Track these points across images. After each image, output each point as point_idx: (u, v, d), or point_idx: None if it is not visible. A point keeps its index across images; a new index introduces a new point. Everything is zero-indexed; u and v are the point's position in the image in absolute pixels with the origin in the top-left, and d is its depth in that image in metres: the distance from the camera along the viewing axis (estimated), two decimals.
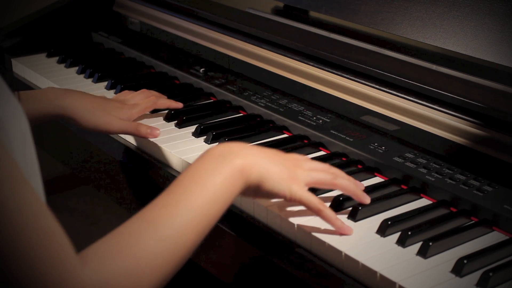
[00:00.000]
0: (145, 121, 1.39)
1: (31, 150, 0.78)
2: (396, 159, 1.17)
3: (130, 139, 1.38)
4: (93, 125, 1.31)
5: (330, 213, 1.00)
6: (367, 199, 1.05)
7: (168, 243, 0.82)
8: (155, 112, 1.43)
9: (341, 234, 1.00)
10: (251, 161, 0.93)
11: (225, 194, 0.90)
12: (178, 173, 1.26)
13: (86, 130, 1.32)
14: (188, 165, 1.23)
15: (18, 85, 1.75)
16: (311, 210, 1.00)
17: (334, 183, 1.02)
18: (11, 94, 0.76)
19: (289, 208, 1.07)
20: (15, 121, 0.76)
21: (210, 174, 0.90)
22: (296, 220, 1.04)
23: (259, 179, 0.94)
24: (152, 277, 0.80)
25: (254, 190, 0.96)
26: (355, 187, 1.04)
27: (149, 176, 1.33)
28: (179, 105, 1.43)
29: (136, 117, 1.37)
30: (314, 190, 1.09)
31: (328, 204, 1.08)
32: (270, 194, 0.97)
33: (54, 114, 1.31)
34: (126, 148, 1.37)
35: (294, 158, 1.02)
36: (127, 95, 1.43)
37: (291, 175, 0.98)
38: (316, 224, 1.03)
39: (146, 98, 1.41)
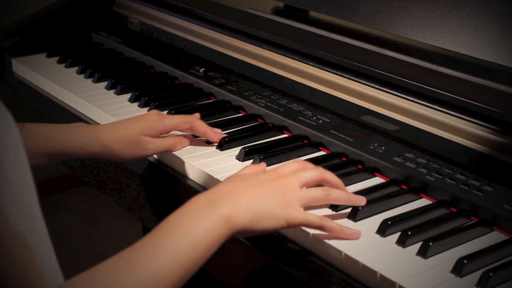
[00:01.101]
0: None
1: (29, 178, 0.77)
2: (396, 159, 1.17)
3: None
4: (131, 156, 1.23)
5: (333, 224, 0.99)
6: (362, 202, 1.05)
7: (145, 284, 0.82)
8: None
9: (350, 239, 1.00)
10: (237, 209, 0.93)
11: (208, 241, 0.89)
12: (173, 169, 1.26)
13: (125, 160, 1.26)
14: (188, 165, 1.23)
15: (18, 85, 1.75)
16: (314, 228, 0.99)
17: (328, 199, 1.02)
18: (16, 131, 0.75)
19: None
20: (16, 159, 0.74)
21: (195, 221, 0.90)
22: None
23: (251, 222, 0.94)
24: None
25: (248, 232, 0.95)
26: (348, 196, 1.04)
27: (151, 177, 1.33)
28: (216, 138, 1.29)
29: (170, 130, 1.26)
30: None
31: (329, 205, 1.08)
32: (267, 231, 0.97)
33: (83, 154, 1.23)
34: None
35: (284, 182, 0.99)
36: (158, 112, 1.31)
37: (283, 204, 0.97)
38: None
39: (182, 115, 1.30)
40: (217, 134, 1.29)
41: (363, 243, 0.99)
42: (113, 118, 1.43)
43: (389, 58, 1.33)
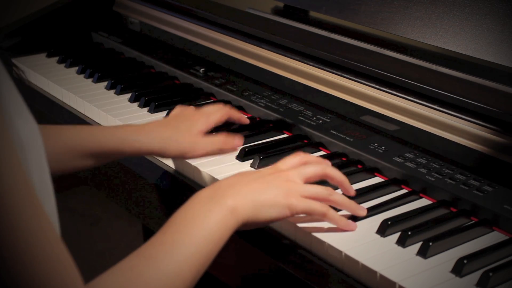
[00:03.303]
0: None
1: (46, 172, 0.78)
2: (396, 159, 1.17)
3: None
4: (178, 152, 1.18)
5: (334, 213, 1.00)
6: (363, 213, 1.04)
7: (169, 277, 0.84)
8: None
9: (346, 230, 1.01)
10: (241, 199, 0.95)
11: (218, 233, 0.91)
12: (173, 169, 1.26)
13: (173, 158, 1.23)
14: (188, 165, 1.23)
15: (18, 86, 1.75)
16: (317, 216, 1.00)
17: (329, 200, 1.02)
18: (30, 113, 0.76)
19: None
20: (33, 141, 0.75)
21: (203, 214, 0.91)
22: (296, 220, 1.04)
23: (254, 212, 0.95)
24: None
25: (254, 223, 0.97)
26: (350, 203, 1.04)
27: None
28: (247, 121, 1.34)
29: (214, 125, 1.24)
30: None
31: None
32: (271, 220, 0.98)
33: (132, 152, 1.17)
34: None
35: (284, 174, 1.01)
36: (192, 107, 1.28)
37: (285, 192, 0.98)
38: (316, 224, 1.03)
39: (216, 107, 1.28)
40: (246, 119, 1.34)
41: (363, 243, 0.99)
42: (113, 118, 1.43)
43: (389, 58, 1.33)
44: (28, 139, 0.74)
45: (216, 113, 1.25)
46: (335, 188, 1.08)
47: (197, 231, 0.90)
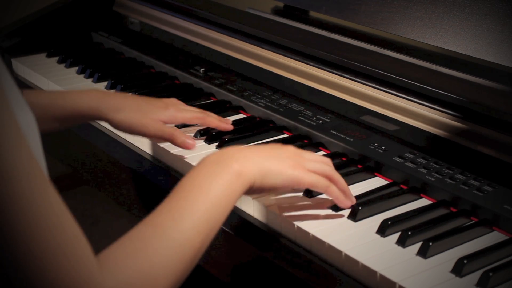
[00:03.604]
0: None
1: (43, 161, 0.78)
2: (396, 159, 1.17)
3: (130, 139, 1.38)
4: (127, 126, 1.25)
5: (335, 189, 1.03)
6: (348, 204, 1.06)
7: (177, 245, 0.84)
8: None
9: (343, 207, 1.05)
10: (247, 163, 0.95)
11: (226, 197, 0.91)
12: (173, 170, 1.26)
13: (121, 130, 1.28)
14: (188, 164, 1.23)
15: (18, 86, 1.75)
16: (320, 190, 1.03)
17: (332, 175, 1.04)
18: (25, 102, 0.77)
19: (289, 208, 1.07)
20: (31, 131, 0.76)
21: (210, 180, 0.92)
22: (296, 220, 1.04)
23: (260, 177, 0.96)
24: (166, 279, 0.82)
25: (259, 188, 0.97)
26: (346, 188, 1.05)
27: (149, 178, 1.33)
28: (229, 127, 1.33)
29: (181, 122, 1.31)
30: (309, 192, 1.10)
31: (329, 205, 1.08)
32: (276, 187, 0.99)
33: (88, 115, 1.26)
34: (128, 149, 1.37)
35: (292, 149, 1.04)
36: (178, 102, 1.34)
37: (292, 163, 1.00)
38: (316, 224, 1.03)
39: (197, 110, 1.33)
40: (228, 125, 1.34)
41: (363, 243, 0.99)
42: None
43: (389, 58, 1.33)
44: (27, 129, 0.75)
45: (188, 112, 1.30)
46: None
47: (204, 196, 0.90)
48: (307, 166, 1.01)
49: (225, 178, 0.92)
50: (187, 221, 0.86)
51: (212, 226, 0.89)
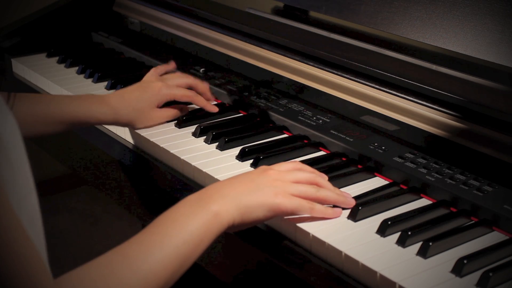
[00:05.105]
0: None
1: (27, 169, 0.79)
2: (396, 159, 1.17)
3: (129, 139, 1.38)
4: (141, 125, 1.35)
5: (320, 207, 1.03)
6: (351, 204, 1.06)
7: (142, 277, 0.86)
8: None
9: (334, 217, 1.04)
10: (225, 204, 0.96)
11: (199, 236, 0.92)
12: (177, 172, 1.26)
13: (135, 128, 1.35)
14: (188, 165, 1.23)
15: (18, 86, 1.75)
16: (304, 213, 1.02)
17: (317, 197, 1.03)
18: (8, 110, 0.77)
19: None
20: (15, 140, 0.76)
21: (186, 217, 0.93)
22: (296, 220, 1.04)
23: (239, 215, 0.97)
24: None
25: (240, 225, 0.98)
26: (337, 196, 1.05)
27: (149, 176, 1.33)
28: (215, 109, 1.41)
29: (172, 99, 1.39)
30: None
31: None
32: (260, 221, 1.00)
33: (94, 122, 1.34)
34: (126, 148, 1.38)
35: (274, 173, 1.02)
36: (167, 75, 1.44)
37: (273, 191, 0.99)
38: (316, 224, 1.03)
39: (186, 86, 1.41)
40: (214, 108, 1.41)
41: (363, 243, 0.99)
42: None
43: (389, 58, 1.33)
44: (10, 138, 0.75)
45: (178, 90, 1.38)
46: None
47: (177, 232, 0.91)
48: (290, 191, 1.01)
49: (202, 217, 0.93)
50: (154, 255, 0.88)
51: (182, 263, 0.90)
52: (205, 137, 1.33)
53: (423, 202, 1.10)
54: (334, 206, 1.06)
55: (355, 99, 1.34)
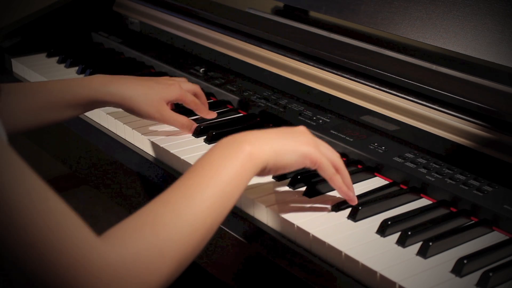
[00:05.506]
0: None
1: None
2: (396, 159, 1.17)
3: (129, 139, 1.38)
4: (145, 111, 1.30)
5: (340, 179, 1.04)
6: (353, 202, 1.07)
7: (186, 221, 0.86)
8: None
9: (345, 199, 1.06)
10: (259, 145, 0.97)
11: (237, 177, 0.93)
12: (173, 170, 1.26)
13: (140, 116, 1.31)
14: (188, 165, 1.23)
15: None
16: (326, 175, 1.03)
17: (332, 178, 1.04)
18: None
19: (289, 208, 1.07)
20: None
21: (222, 160, 0.93)
22: (296, 220, 1.04)
23: (273, 157, 0.98)
24: (173, 254, 0.83)
25: (273, 168, 0.99)
26: (346, 189, 1.06)
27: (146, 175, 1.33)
28: (213, 115, 1.40)
29: (181, 101, 1.36)
30: (309, 192, 1.10)
31: (329, 205, 1.08)
32: (291, 165, 1.01)
33: (103, 101, 1.29)
34: (126, 148, 1.38)
35: (309, 134, 1.05)
36: (179, 78, 1.43)
37: (306, 141, 1.02)
38: (316, 224, 1.03)
39: (193, 93, 1.39)
40: (214, 115, 1.40)
41: (363, 243, 0.99)
42: (113, 118, 1.43)
43: (389, 58, 1.33)
44: None
45: (188, 96, 1.35)
46: None
47: (216, 175, 0.91)
48: (320, 148, 1.03)
49: (237, 159, 0.94)
50: (198, 198, 0.88)
51: (223, 205, 0.91)
52: (205, 137, 1.33)
53: (423, 202, 1.10)
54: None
55: (355, 99, 1.34)
